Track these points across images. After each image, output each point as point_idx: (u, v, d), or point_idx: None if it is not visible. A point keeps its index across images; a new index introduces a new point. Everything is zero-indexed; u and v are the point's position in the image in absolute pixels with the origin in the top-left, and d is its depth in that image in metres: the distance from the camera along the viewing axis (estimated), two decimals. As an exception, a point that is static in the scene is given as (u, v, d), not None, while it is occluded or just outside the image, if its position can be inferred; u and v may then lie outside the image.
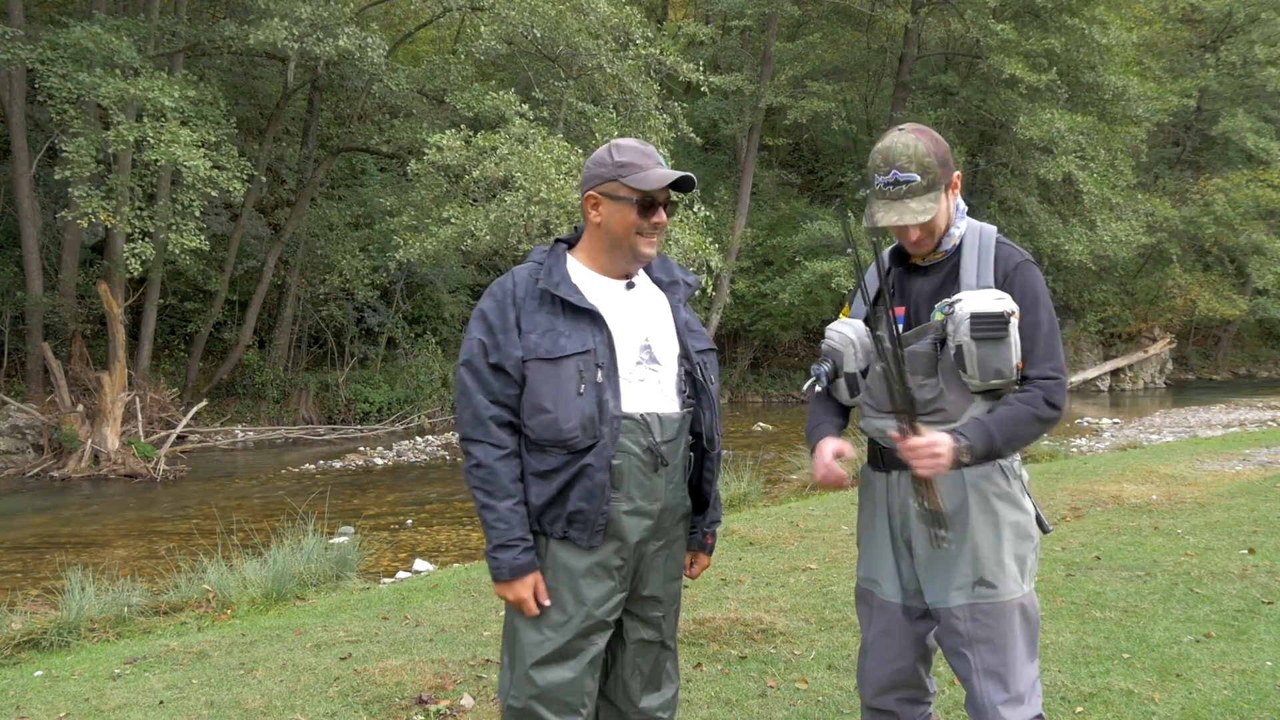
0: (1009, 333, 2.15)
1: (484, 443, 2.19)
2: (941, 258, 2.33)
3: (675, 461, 2.28)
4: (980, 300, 2.17)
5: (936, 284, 2.32)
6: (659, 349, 2.30)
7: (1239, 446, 10.92)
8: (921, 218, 2.20)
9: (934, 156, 2.22)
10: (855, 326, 2.35)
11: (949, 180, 2.26)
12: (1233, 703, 3.37)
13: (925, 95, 23.13)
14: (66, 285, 15.25)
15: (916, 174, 2.20)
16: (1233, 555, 5.43)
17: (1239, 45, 24.99)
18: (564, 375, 2.17)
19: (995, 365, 2.16)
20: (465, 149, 13.31)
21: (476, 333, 2.23)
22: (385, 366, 19.31)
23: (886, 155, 2.22)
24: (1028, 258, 2.30)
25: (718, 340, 22.81)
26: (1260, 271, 24.46)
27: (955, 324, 2.17)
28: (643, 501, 2.24)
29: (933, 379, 2.23)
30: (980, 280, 2.25)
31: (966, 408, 2.23)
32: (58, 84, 12.17)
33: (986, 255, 2.28)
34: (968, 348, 2.15)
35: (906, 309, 2.33)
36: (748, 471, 8.89)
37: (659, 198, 2.26)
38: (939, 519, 2.20)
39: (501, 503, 2.17)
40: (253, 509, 10.60)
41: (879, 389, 2.29)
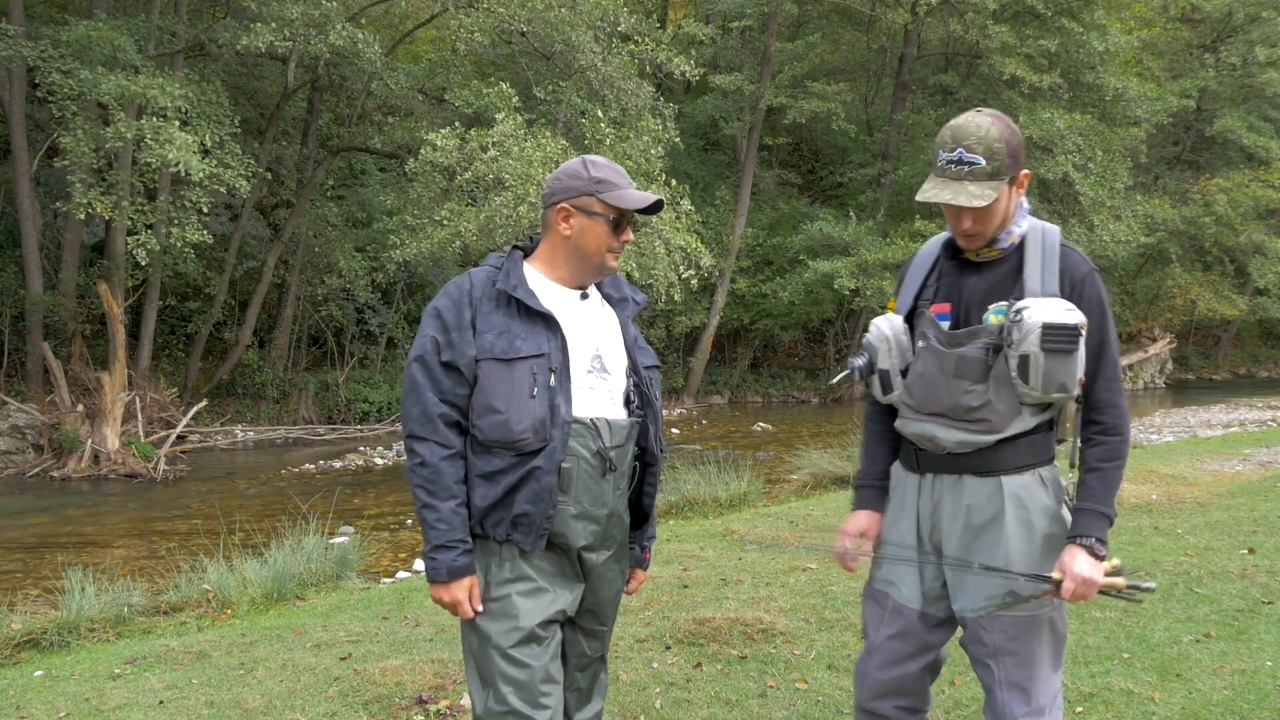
0: (1079, 347, 2.07)
1: (430, 441, 2.17)
2: (998, 255, 2.23)
3: (623, 468, 2.29)
4: (1052, 310, 2.07)
5: (992, 284, 2.21)
6: (609, 360, 2.31)
7: (1239, 446, 10.92)
8: (977, 202, 2.09)
9: (1005, 144, 2.11)
10: (893, 323, 2.29)
11: (1016, 174, 2.16)
12: (1233, 703, 3.37)
13: (925, 95, 23.13)
14: (66, 285, 15.23)
15: (982, 157, 2.10)
16: (1233, 555, 5.43)
17: (1238, 45, 24.98)
18: (517, 377, 2.17)
19: (1060, 379, 2.08)
20: (459, 149, 13.27)
21: (430, 330, 2.23)
22: (385, 366, 19.29)
23: (956, 133, 2.13)
24: (1093, 267, 2.20)
25: (718, 340, 22.81)
26: (1260, 271, 24.45)
27: (1022, 332, 2.07)
28: (590, 506, 2.23)
29: (981, 385, 2.15)
30: (1045, 286, 2.14)
31: (1013, 419, 2.16)
32: (59, 80, 12.15)
33: (1051, 260, 2.18)
34: (1035, 359, 2.07)
35: (954, 307, 2.24)
36: (748, 471, 8.88)
37: (629, 217, 2.29)
38: (1133, 592, 2.18)
39: (444, 503, 2.16)
40: (253, 509, 10.60)
41: (920, 390, 2.22)
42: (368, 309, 19.54)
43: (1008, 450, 2.19)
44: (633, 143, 14.07)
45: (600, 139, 13.56)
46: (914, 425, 2.25)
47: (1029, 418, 2.17)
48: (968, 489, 2.21)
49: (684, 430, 17.93)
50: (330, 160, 18.23)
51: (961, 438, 2.18)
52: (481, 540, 2.23)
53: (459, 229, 13.01)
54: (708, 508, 8.10)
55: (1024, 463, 2.20)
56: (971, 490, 2.21)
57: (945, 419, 2.20)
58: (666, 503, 8.17)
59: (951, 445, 2.20)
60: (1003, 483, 2.18)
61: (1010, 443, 2.19)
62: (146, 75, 12.46)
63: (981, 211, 2.14)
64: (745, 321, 22.68)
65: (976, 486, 2.19)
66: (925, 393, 2.21)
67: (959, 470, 2.22)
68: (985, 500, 2.19)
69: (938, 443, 2.22)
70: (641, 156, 14.03)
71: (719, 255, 19.82)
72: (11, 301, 15.51)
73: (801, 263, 20.26)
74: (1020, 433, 2.18)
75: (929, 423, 2.21)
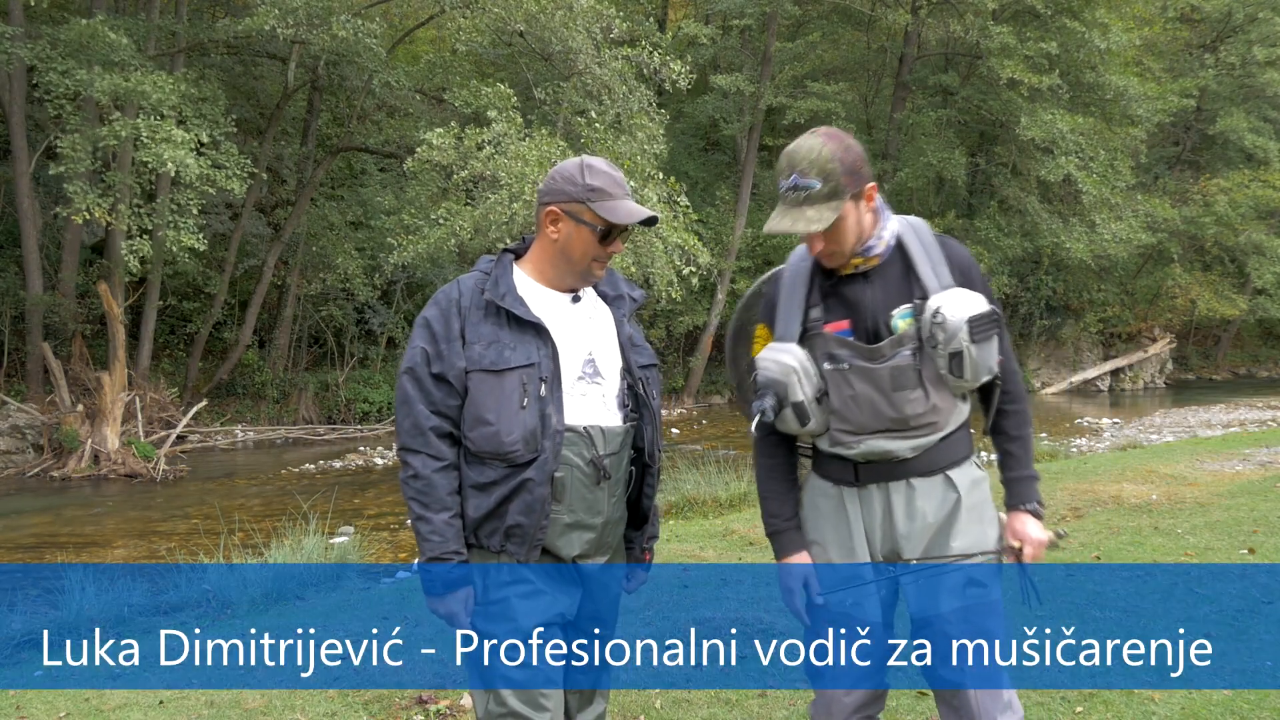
0: (999, 329, 2.15)
1: (423, 453, 2.16)
2: (878, 263, 2.22)
3: (618, 475, 2.27)
4: (967, 303, 2.11)
5: (888, 290, 2.21)
6: (602, 363, 2.28)
7: (1239, 446, 10.91)
8: (815, 226, 2.08)
9: (839, 163, 2.09)
10: (795, 352, 2.21)
11: (858, 189, 2.13)
12: (1233, 703, 3.37)
13: (925, 95, 23.12)
14: (66, 285, 15.23)
15: (817, 180, 2.09)
16: (1233, 555, 5.43)
17: (1238, 45, 24.97)
18: (507, 388, 2.15)
19: (988, 364, 2.15)
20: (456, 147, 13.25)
21: (420, 341, 2.21)
22: (385, 366, 19.29)
23: (790, 158, 2.13)
24: (966, 249, 2.27)
25: (718, 340, 22.80)
26: (1260, 271, 24.45)
27: (948, 331, 2.10)
28: (584, 515, 2.21)
29: (919, 391, 2.16)
30: (940, 280, 2.18)
31: (953, 413, 2.21)
32: (56, 80, 12.14)
33: (935, 253, 2.21)
34: (969, 352, 2.10)
35: (854, 320, 2.22)
36: (748, 471, 8.87)
37: (620, 229, 2.25)
38: (1056, 540, 2.30)
39: (437, 515, 2.15)
40: (253, 509, 10.59)
41: (859, 411, 2.19)
42: (368, 309, 19.53)
43: (950, 444, 2.24)
44: (626, 142, 14.05)
45: (598, 139, 13.54)
46: (859, 445, 2.21)
47: (964, 408, 2.25)
48: (920, 490, 2.22)
49: (684, 430, 17.93)
50: (330, 160, 18.22)
51: (915, 443, 2.21)
52: (478, 549, 2.22)
53: (455, 228, 13.00)
54: (708, 508, 8.09)
55: (964, 454, 2.26)
56: (924, 491, 2.22)
57: (894, 432, 2.20)
58: (666, 503, 8.17)
59: (907, 453, 2.21)
60: (951, 477, 2.22)
61: (951, 436, 2.24)
62: (143, 72, 12.42)
63: (829, 233, 2.14)
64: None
65: (928, 486, 2.21)
66: (865, 414, 2.19)
67: (906, 475, 2.22)
68: (940, 497, 2.22)
69: (893, 455, 2.21)
70: (639, 153, 14.02)
71: (719, 255, 19.79)
72: (11, 301, 15.50)
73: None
74: (960, 425, 2.25)
75: (877, 439, 2.20)
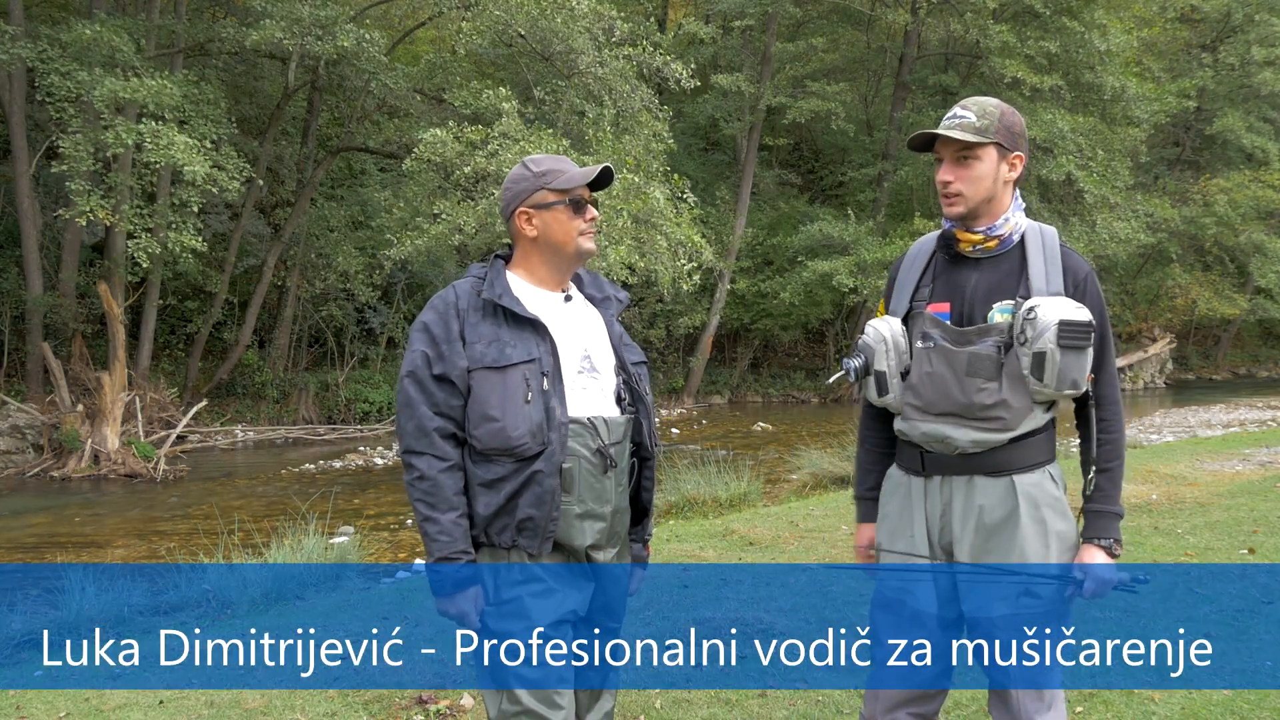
0: (1091, 343, 2.10)
1: (428, 455, 2.18)
2: (995, 247, 2.23)
3: (623, 464, 2.31)
4: (1064, 307, 2.10)
5: (995, 282, 2.22)
6: (597, 359, 2.33)
7: (1239, 446, 10.92)
8: (954, 133, 2.15)
9: (999, 111, 2.19)
10: (891, 325, 2.29)
11: (1009, 146, 2.20)
12: (1233, 703, 3.37)
13: (925, 95, 23.10)
14: (66, 285, 15.23)
15: (974, 115, 2.17)
16: (1233, 555, 5.43)
17: (1237, 46, 24.98)
18: (511, 383, 2.18)
19: (1073, 376, 2.11)
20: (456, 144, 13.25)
21: (419, 345, 2.23)
22: (385, 366, 19.28)
23: (960, 102, 2.23)
24: (1092, 268, 2.24)
25: (718, 340, 22.80)
26: (1260, 271, 24.45)
27: (1037, 330, 2.09)
28: (594, 504, 2.24)
29: (994, 383, 2.16)
30: (1050, 285, 2.16)
31: (1026, 416, 2.18)
32: (57, 82, 12.13)
33: (1054, 259, 2.20)
34: (1051, 355, 2.08)
35: (954, 305, 2.24)
36: (748, 471, 8.88)
37: (585, 195, 2.31)
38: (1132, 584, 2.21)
39: (444, 515, 2.17)
40: (253, 509, 10.59)
41: (930, 390, 2.22)
42: (368, 309, 19.53)
43: (1020, 449, 2.19)
44: (630, 141, 14.06)
45: (600, 139, 13.54)
46: (922, 426, 2.24)
47: (1040, 415, 2.19)
48: (980, 490, 2.20)
49: (684, 430, 17.92)
50: (330, 160, 18.22)
51: (976, 437, 2.18)
52: (488, 548, 2.23)
53: (459, 223, 13.01)
54: (708, 508, 8.10)
55: (1035, 461, 2.21)
56: (984, 491, 2.20)
57: (958, 418, 2.19)
58: (666, 502, 8.17)
59: (965, 445, 2.19)
60: (1015, 482, 2.18)
61: (1022, 441, 2.19)
62: (143, 77, 12.41)
63: (962, 168, 2.17)
64: (745, 321, 22.67)
65: (989, 487, 2.19)
66: (935, 392, 2.21)
67: (970, 471, 2.21)
68: (998, 500, 2.19)
69: (950, 443, 2.20)
70: (643, 150, 14.02)
71: (719, 255, 19.80)
72: (11, 301, 15.50)
73: (801, 263, 20.26)
74: (1031, 431, 2.20)
75: (940, 423, 2.20)
